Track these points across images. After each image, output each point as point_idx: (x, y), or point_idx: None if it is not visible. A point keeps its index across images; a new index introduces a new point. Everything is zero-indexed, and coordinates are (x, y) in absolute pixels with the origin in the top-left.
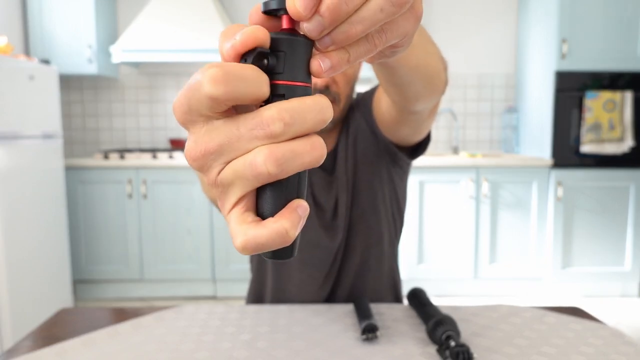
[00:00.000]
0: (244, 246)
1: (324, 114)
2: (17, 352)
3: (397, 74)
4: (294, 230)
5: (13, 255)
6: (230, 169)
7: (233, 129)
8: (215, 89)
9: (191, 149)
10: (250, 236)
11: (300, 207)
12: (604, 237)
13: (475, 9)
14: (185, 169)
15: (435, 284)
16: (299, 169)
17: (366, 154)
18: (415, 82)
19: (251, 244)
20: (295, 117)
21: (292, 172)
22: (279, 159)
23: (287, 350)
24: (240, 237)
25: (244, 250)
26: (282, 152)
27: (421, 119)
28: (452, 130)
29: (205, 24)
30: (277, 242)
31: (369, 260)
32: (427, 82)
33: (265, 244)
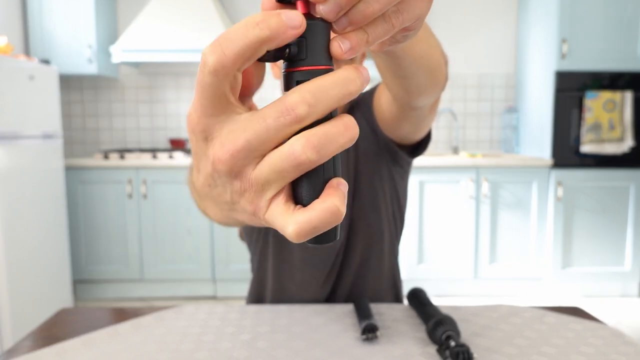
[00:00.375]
0: (298, 233)
1: (348, 87)
2: (17, 352)
3: (402, 64)
4: (343, 206)
5: (13, 255)
6: (266, 165)
7: (259, 122)
8: (213, 57)
9: (218, 151)
10: (302, 222)
11: (341, 184)
12: (604, 237)
13: (475, 9)
14: (185, 168)
15: (435, 284)
16: (336, 152)
17: (367, 153)
18: (418, 73)
19: (305, 228)
20: (318, 96)
21: (330, 155)
22: (316, 145)
23: (287, 350)
24: (291, 225)
25: (299, 237)
26: (317, 137)
27: (422, 115)
28: (452, 130)
29: (205, 24)
30: (330, 220)
31: (369, 259)
32: (430, 74)
33: (318, 225)
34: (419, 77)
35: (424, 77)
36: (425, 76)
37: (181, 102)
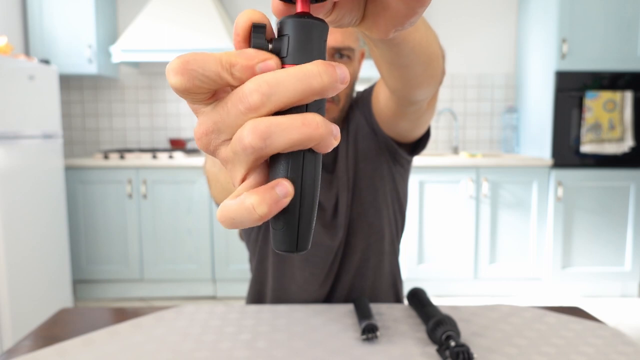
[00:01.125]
0: (218, 218)
1: (310, 81)
2: (17, 352)
3: (401, 53)
4: (262, 207)
5: (13, 255)
6: (229, 147)
7: (223, 106)
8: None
9: (195, 130)
10: (223, 209)
11: (279, 186)
12: (604, 237)
13: (475, 9)
14: (185, 168)
15: (435, 284)
16: (286, 145)
17: (367, 152)
18: (417, 63)
19: (223, 216)
20: (274, 87)
21: (280, 147)
22: (263, 132)
23: (287, 350)
24: (219, 209)
25: (221, 223)
26: (265, 125)
27: (420, 111)
28: (452, 130)
29: (205, 24)
30: (244, 217)
31: (369, 258)
32: (428, 65)
33: (234, 217)
34: (417, 67)
35: (422, 67)
36: (423, 66)
37: (181, 102)
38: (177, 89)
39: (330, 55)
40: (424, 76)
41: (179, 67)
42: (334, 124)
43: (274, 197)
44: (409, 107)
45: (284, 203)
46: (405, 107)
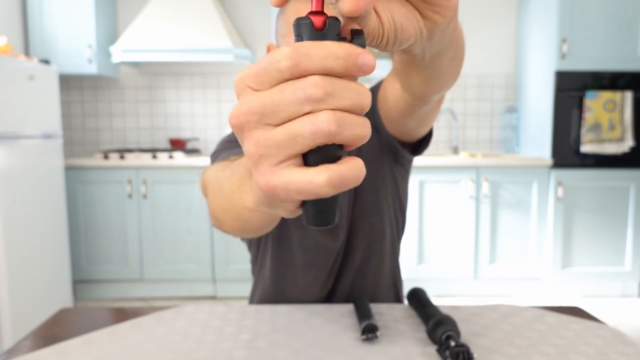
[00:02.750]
0: (331, 179)
1: (363, 99)
2: (17, 352)
3: (453, 38)
4: (327, 189)
5: (13, 255)
6: (283, 129)
7: (277, 91)
8: (287, 62)
9: (235, 108)
10: (334, 171)
11: (354, 167)
12: (604, 237)
13: (475, 9)
14: (185, 168)
15: (435, 284)
16: (350, 138)
17: (369, 152)
18: (456, 53)
19: (337, 177)
20: (335, 90)
21: (346, 137)
22: (339, 120)
23: (287, 350)
24: (323, 173)
25: (331, 184)
26: (342, 115)
27: (428, 110)
28: (452, 130)
29: (205, 24)
30: (357, 175)
31: (370, 259)
32: (461, 56)
33: (348, 177)
34: (456, 58)
35: (459, 57)
36: (459, 56)
37: (181, 102)
38: (284, 70)
39: None
40: (456, 70)
41: (291, 53)
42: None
43: (341, 180)
44: (421, 107)
45: (346, 187)
46: (417, 106)
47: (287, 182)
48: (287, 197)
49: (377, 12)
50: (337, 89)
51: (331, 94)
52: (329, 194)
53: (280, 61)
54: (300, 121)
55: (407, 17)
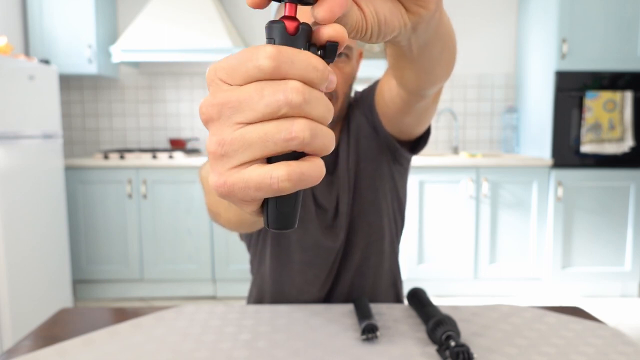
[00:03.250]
0: (289, 174)
1: (330, 113)
2: (17, 352)
3: (438, 32)
4: (286, 184)
5: (13, 255)
6: (257, 130)
7: (255, 89)
8: (268, 62)
9: (206, 99)
10: (294, 166)
11: (315, 164)
12: (604, 237)
13: (475, 9)
14: (185, 168)
15: (435, 284)
16: (320, 149)
17: (368, 152)
18: (445, 47)
19: (296, 172)
20: (312, 99)
21: (315, 147)
22: (313, 129)
23: (287, 350)
24: (282, 168)
25: (289, 180)
26: (315, 125)
27: (425, 106)
28: (452, 130)
29: (205, 24)
30: (317, 173)
31: (369, 258)
32: (452, 50)
33: (306, 173)
34: (445, 51)
35: (448, 52)
36: (449, 51)
37: (181, 102)
38: (265, 70)
39: None
40: (446, 63)
41: (274, 58)
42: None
43: (301, 176)
44: (417, 103)
45: (306, 184)
46: (414, 102)
47: (247, 179)
48: (245, 195)
49: (360, 6)
50: (313, 98)
51: (308, 102)
52: (288, 189)
53: (261, 60)
54: (275, 125)
55: (391, 10)
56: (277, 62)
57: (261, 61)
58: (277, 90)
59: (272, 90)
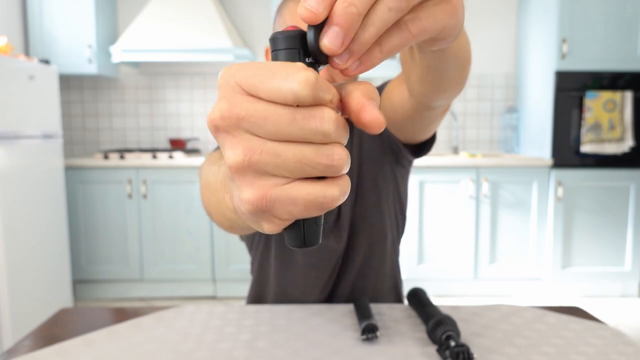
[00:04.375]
0: (341, 195)
1: (347, 139)
2: (17, 352)
3: (445, 57)
4: (339, 199)
5: (13, 255)
6: (295, 150)
7: (287, 112)
8: (243, 78)
9: (224, 108)
10: (343, 186)
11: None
12: (604, 237)
13: (475, 9)
14: (185, 168)
15: (435, 284)
16: (343, 172)
17: (371, 153)
18: (454, 68)
19: (345, 192)
20: (340, 127)
21: (341, 171)
22: (346, 157)
23: (287, 350)
24: (335, 189)
25: (340, 201)
26: (345, 152)
27: (434, 116)
28: (452, 130)
29: (205, 24)
30: (348, 190)
31: (371, 259)
32: (463, 70)
33: (346, 192)
34: (453, 71)
35: (457, 71)
36: (459, 70)
37: (181, 102)
38: (232, 84)
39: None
40: (456, 81)
41: (249, 78)
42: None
43: (345, 195)
44: (426, 112)
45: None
46: (423, 111)
47: (295, 197)
48: (285, 212)
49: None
50: (342, 125)
51: (338, 131)
52: (333, 207)
53: (297, 85)
54: (315, 150)
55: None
56: (315, 92)
57: (297, 87)
58: (313, 117)
59: (306, 117)
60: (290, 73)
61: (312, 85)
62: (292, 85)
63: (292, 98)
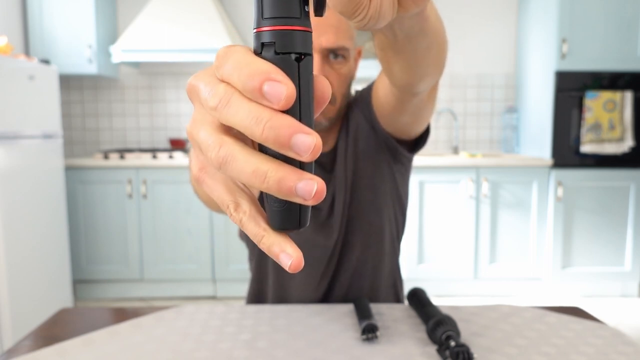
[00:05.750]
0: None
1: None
2: (17, 352)
3: (425, 31)
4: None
5: (13, 255)
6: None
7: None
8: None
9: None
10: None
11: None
12: (604, 237)
13: (475, 9)
14: (185, 168)
15: (435, 284)
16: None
17: (367, 151)
18: (433, 45)
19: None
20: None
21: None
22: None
23: (287, 350)
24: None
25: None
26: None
27: (420, 104)
28: (452, 130)
29: (205, 24)
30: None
31: (368, 258)
32: (440, 49)
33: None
34: (432, 50)
35: (436, 50)
36: (437, 49)
37: (181, 102)
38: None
39: (324, 56)
40: (435, 60)
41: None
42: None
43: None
44: (411, 100)
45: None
46: (407, 99)
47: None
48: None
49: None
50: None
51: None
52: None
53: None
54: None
55: (389, 1)
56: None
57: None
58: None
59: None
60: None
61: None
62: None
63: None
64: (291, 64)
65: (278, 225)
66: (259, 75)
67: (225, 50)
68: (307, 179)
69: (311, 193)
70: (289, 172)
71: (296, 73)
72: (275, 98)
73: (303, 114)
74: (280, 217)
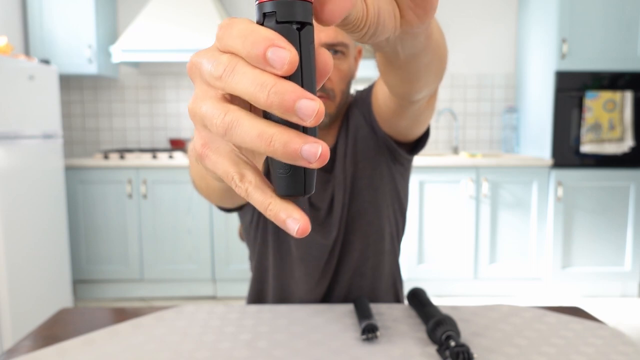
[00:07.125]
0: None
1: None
2: (17, 352)
3: (428, 46)
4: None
5: (13, 255)
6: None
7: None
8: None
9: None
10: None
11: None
12: (604, 237)
13: (475, 9)
14: (185, 168)
15: (435, 284)
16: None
17: (366, 151)
18: (434, 58)
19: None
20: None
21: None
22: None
23: (287, 350)
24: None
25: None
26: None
27: (419, 110)
28: (452, 130)
29: (205, 24)
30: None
31: (368, 258)
32: (441, 60)
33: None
34: (434, 62)
35: (437, 62)
36: (438, 60)
37: (181, 102)
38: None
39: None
40: (436, 72)
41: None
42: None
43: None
44: (409, 107)
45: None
46: (405, 106)
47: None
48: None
49: (366, 2)
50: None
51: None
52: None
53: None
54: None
55: (389, 13)
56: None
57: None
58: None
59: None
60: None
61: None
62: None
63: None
64: (293, 32)
65: (284, 191)
66: (262, 41)
67: (228, 21)
68: (312, 142)
69: (316, 155)
70: (294, 135)
71: (297, 41)
72: (279, 63)
73: (305, 81)
74: (286, 183)
